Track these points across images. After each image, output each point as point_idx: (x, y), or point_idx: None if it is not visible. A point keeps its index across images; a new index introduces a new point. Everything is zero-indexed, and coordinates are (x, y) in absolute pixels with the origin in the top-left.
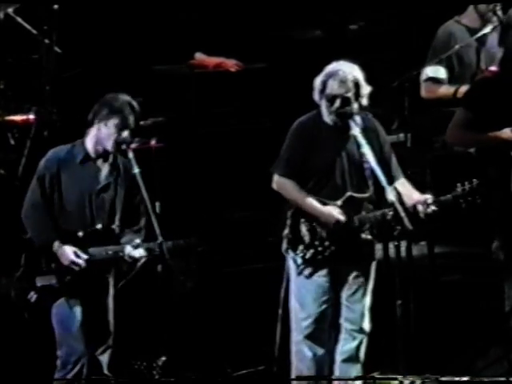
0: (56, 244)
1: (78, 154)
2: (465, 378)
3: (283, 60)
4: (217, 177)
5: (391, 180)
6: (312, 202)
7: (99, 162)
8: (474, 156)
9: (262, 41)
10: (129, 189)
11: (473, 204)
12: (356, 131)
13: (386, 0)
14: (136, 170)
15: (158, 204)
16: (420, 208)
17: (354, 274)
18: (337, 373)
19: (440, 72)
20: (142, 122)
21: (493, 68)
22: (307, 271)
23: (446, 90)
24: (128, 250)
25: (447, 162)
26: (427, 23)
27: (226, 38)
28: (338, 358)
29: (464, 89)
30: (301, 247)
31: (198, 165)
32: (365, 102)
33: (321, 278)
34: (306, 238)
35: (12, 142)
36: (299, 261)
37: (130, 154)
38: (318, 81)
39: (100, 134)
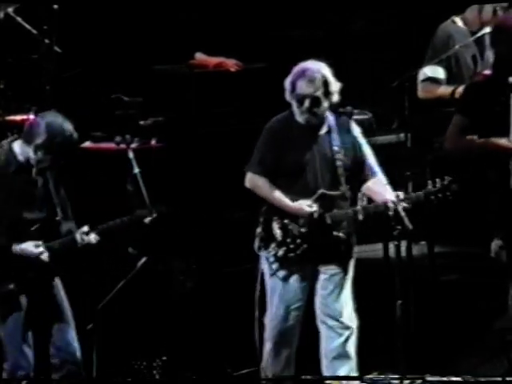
0: (14, 247)
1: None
2: (454, 378)
3: (283, 60)
4: (217, 177)
5: (365, 178)
6: (283, 198)
7: None
8: (474, 157)
9: (261, 41)
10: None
11: (444, 201)
12: (356, 131)
13: (385, 0)
14: (136, 170)
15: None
16: (390, 205)
17: (329, 272)
18: (325, 372)
19: (438, 72)
20: (141, 122)
21: (485, 72)
22: (281, 271)
23: (443, 90)
24: (79, 237)
25: (447, 162)
26: (427, 23)
27: (226, 38)
28: (327, 356)
29: (461, 89)
30: (273, 245)
31: (198, 165)
32: (335, 98)
33: (294, 277)
34: (278, 236)
35: None
36: (271, 259)
37: (131, 154)
38: (287, 81)
39: None
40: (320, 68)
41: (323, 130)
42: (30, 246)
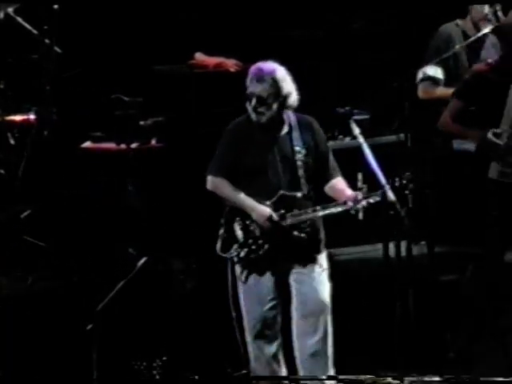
0: None
1: None
2: (454, 378)
3: (283, 60)
4: None
5: (328, 178)
6: (245, 199)
7: None
8: (474, 156)
9: (261, 41)
10: None
11: (402, 197)
12: (356, 131)
13: (385, 0)
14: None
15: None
16: (350, 204)
17: (296, 271)
18: (302, 370)
19: (438, 72)
20: (141, 122)
21: (489, 60)
22: (245, 272)
23: (443, 90)
24: None
25: (447, 162)
26: (427, 23)
27: (226, 38)
28: (303, 353)
29: None
30: (235, 246)
31: (198, 165)
32: (292, 100)
33: (261, 278)
34: (240, 237)
35: (12, 141)
36: (235, 260)
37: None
38: (247, 81)
39: None
40: (272, 69)
41: (284, 131)
42: None
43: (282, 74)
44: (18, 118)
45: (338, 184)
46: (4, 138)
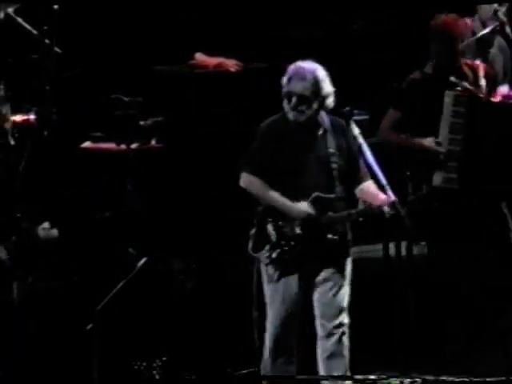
0: None
1: None
2: (454, 378)
3: (283, 60)
4: (217, 177)
5: (359, 181)
6: (281, 198)
7: None
8: (416, 164)
9: (262, 41)
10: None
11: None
12: (356, 131)
13: (385, 0)
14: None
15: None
16: (386, 209)
17: (324, 274)
18: (321, 372)
19: None
20: (141, 122)
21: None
22: (276, 273)
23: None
24: (42, 232)
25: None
26: (427, 23)
27: (226, 38)
28: (321, 356)
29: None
30: (267, 247)
31: (198, 165)
32: (329, 102)
33: (289, 279)
34: (273, 238)
35: (12, 142)
36: (266, 261)
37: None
38: (283, 80)
39: None
40: (314, 69)
41: (319, 132)
42: None
43: (323, 74)
44: (18, 117)
45: (370, 187)
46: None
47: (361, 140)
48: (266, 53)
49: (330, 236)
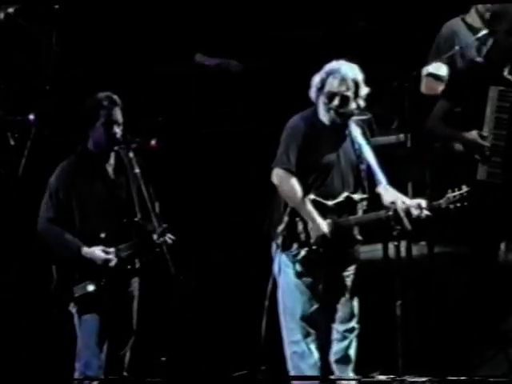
0: (84, 249)
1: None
2: (454, 378)
3: (283, 60)
4: (217, 177)
5: (379, 181)
6: (309, 207)
7: (106, 164)
8: (462, 158)
9: (261, 41)
10: (136, 183)
11: (461, 209)
12: (356, 132)
13: (385, 0)
14: (137, 170)
15: (157, 204)
16: (414, 212)
17: (344, 274)
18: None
19: (441, 69)
20: (141, 122)
21: (478, 59)
22: (302, 272)
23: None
24: (155, 237)
25: (447, 162)
26: (427, 23)
27: (226, 38)
28: (332, 359)
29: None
30: (295, 245)
31: (198, 165)
32: (362, 103)
33: (312, 279)
34: (302, 236)
35: (12, 142)
36: (292, 259)
37: (131, 154)
38: (316, 78)
39: (94, 139)
40: (353, 69)
41: (347, 132)
42: (96, 251)
43: (361, 76)
44: (17, 118)
45: (389, 189)
46: (4, 138)
47: (361, 140)
48: (266, 53)
49: (357, 236)
